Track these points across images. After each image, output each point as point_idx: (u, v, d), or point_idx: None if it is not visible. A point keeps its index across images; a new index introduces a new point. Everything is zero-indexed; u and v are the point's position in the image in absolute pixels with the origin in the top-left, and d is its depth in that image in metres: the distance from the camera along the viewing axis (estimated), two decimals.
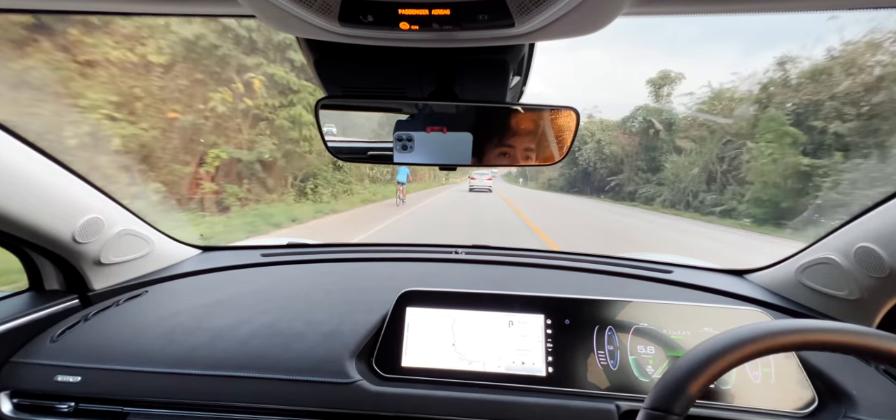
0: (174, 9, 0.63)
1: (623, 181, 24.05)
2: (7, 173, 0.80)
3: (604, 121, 29.26)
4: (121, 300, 1.07)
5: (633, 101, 38.23)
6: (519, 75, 0.74)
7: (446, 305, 0.95)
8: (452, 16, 0.46)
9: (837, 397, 0.82)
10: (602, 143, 26.54)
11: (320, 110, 0.72)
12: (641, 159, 22.73)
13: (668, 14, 0.55)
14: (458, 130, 0.72)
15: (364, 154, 0.82)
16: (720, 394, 0.82)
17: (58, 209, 0.90)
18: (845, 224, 0.93)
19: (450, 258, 1.34)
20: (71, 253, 0.98)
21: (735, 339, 0.50)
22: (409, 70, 0.68)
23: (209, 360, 0.87)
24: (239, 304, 1.04)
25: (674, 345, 0.88)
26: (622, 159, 24.68)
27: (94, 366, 0.87)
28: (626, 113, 24.65)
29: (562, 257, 1.37)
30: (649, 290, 1.14)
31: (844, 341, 0.49)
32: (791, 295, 1.09)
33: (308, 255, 1.36)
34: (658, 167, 20.89)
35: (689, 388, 0.49)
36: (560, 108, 0.72)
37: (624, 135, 24.71)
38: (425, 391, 0.84)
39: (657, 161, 21.20)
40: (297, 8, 0.46)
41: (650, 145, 22.22)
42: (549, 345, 0.89)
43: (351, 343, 0.91)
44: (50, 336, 0.93)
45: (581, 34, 0.52)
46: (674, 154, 19.43)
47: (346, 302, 1.04)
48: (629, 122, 24.02)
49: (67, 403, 0.85)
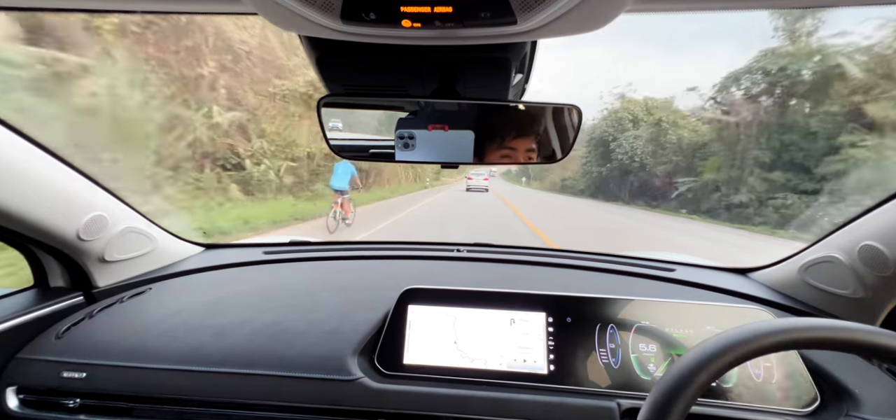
0: (178, 7, 0.63)
1: (702, 185, 14.99)
2: (12, 171, 0.81)
3: (650, 100, 20.90)
4: (125, 297, 1.07)
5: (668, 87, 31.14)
6: (521, 73, 0.73)
7: (448, 303, 0.95)
8: (455, 13, 0.46)
9: (840, 395, 0.82)
10: (663, 126, 18.40)
11: (322, 108, 0.72)
12: (762, 145, 13.27)
13: (670, 11, 0.55)
14: (460, 128, 0.72)
15: (366, 152, 0.82)
16: (722, 392, 0.82)
17: (62, 206, 0.91)
18: (849, 222, 0.93)
19: (451, 256, 1.34)
20: (75, 250, 0.99)
21: (736, 339, 0.50)
22: (411, 68, 0.67)
23: (213, 357, 0.88)
24: (242, 302, 1.05)
25: (676, 343, 0.88)
26: (700, 149, 16.12)
27: (99, 362, 0.88)
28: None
29: (563, 255, 1.37)
30: (651, 289, 1.14)
31: (848, 339, 0.48)
32: (794, 293, 1.08)
33: (310, 253, 1.37)
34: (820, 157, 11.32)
35: (691, 389, 0.48)
36: (563, 105, 0.72)
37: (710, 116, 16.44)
38: (427, 388, 0.85)
39: (811, 149, 11.51)
40: (299, 6, 0.46)
41: (789, 122, 12.80)
42: (551, 343, 0.89)
43: (353, 340, 0.91)
44: (55, 333, 0.94)
45: (583, 31, 0.52)
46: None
47: (348, 300, 1.04)
48: (734, 86, 14.62)
49: (73, 399, 0.86)
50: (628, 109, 22.34)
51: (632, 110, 22.11)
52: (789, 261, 1.11)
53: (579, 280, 1.20)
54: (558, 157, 0.78)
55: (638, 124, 20.84)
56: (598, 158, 23.61)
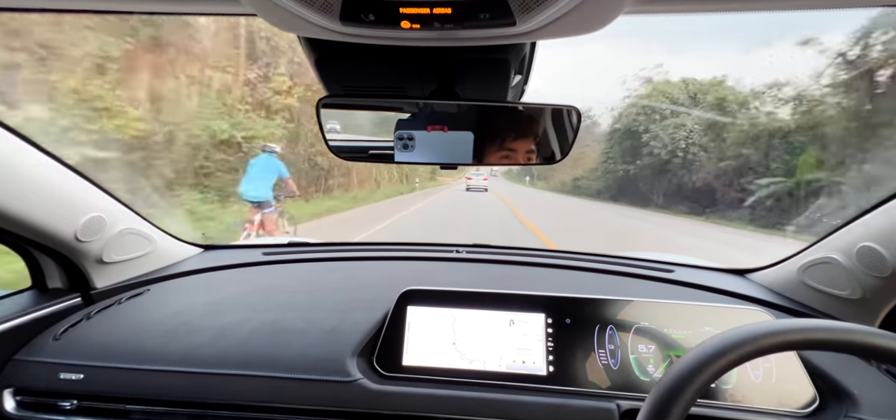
0: (177, 8, 0.63)
1: (791, 189, 9.87)
2: (9, 172, 0.80)
3: (691, 81, 16.30)
4: (123, 298, 1.07)
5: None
6: (520, 74, 0.73)
7: (447, 304, 0.95)
8: (454, 15, 0.46)
9: (839, 397, 0.82)
10: (730, 109, 13.46)
11: (321, 109, 0.72)
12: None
13: (670, 12, 0.55)
14: (459, 129, 0.72)
15: (365, 153, 0.82)
16: (721, 393, 0.82)
17: (60, 208, 0.90)
18: (847, 223, 0.93)
19: (451, 257, 1.34)
20: (73, 251, 0.98)
21: (735, 340, 0.50)
22: (410, 69, 0.67)
23: (211, 359, 0.87)
24: (240, 303, 1.04)
25: (675, 344, 0.88)
26: (794, 137, 10.91)
27: (97, 364, 0.87)
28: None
29: (563, 256, 1.37)
30: (651, 290, 1.14)
31: (846, 340, 0.48)
32: (793, 294, 1.08)
33: (309, 254, 1.36)
34: None
35: (690, 390, 0.48)
36: (562, 106, 0.72)
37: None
38: (426, 390, 0.85)
39: None
40: (298, 7, 0.46)
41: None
42: (550, 344, 0.89)
43: (352, 342, 0.91)
44: (53, 334, 0.93)
45: (583, 33, 0.52)
46: None
47: (347, 300, 1.04)
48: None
49: (70, 401, 0.86)
50: (665, 93, 17.56)
51: (669, 93, 17.27)
52: (788, 262, 1.11)
53: (578, 281, 1.20)
54: (557, 158, 0.78)
55: (676, 112, 16.31)
56: (624, 154, 19.15)
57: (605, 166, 20.84)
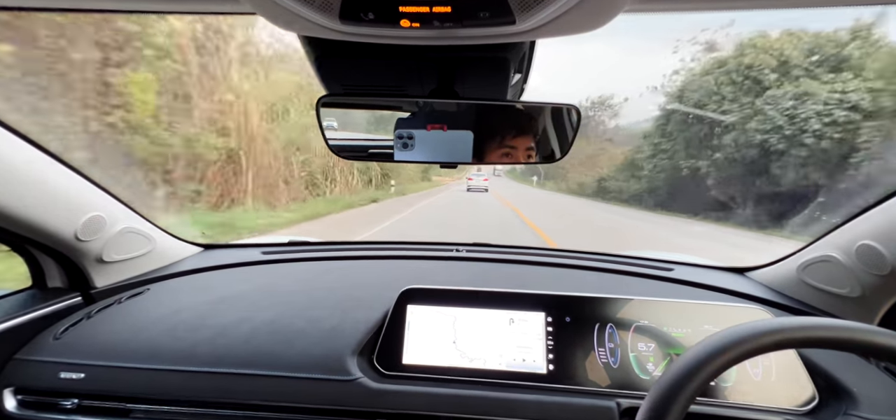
0: (177, 7, 0.63)
1: None
2: (9, 171, 0.80)
3: (801, 32, 11.24)
4: (123, 298, 1.07)
5: None
6: (520, 73, 0.73)
7: (447, 303, 0.95)
8: (453, 13, 0.46)
9: (838, 394, 0.82)
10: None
11: (321, 108, 0.72)
12: None
13: (669, 11, 0.55)
14: (459, 128, 0.72)
15: (365, 152, 0.82)
16: (720, 391, 0.82)
17: (60, 207, 0.91)
18: (847, 221, 0.93)
19: (451, 256, 1.34)
20: (73, 251, 0.98)
21: (734, 338, 0.50)
22: (409, 68, 0.67)
23: (211, 358, 0.87)
24: (240, 302, 1.05)
25: (674, 342, 0.88)
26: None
27: (98, 363, 0.87)
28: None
29: (563, 255, 1.37)
30: (650, 288, 1.14)
31: (845, 338, 0.49)
32: (792, 293, 1.08)
33: (309, 253, 1.36)
34: None
35: (690, 388, 0.49)
36: (561, 105, 0.72)
37: None
38: (426, 388, 0.85)
39: None
40: (297, 6, 0.46)
41: None
42: (550, 342, 0.89)
43: (352, 340, 0.91)
44: (53, 333, 0.93)
45: (582, 31, 0.52)
46: None
47: (347, 299, 1.04)
48: None
49: (71, 400, 0.86)
50: (769, 49, 11.85)
51: (778, 50, 11.58)
52: (787, 260, 1.11)
53: (578, 280, 1.20)
54: (557, 156, 0.78)
55: (791, 77, 10.89)
56: (686, 146, 14.24)
57: (656, 162, 15.99)
